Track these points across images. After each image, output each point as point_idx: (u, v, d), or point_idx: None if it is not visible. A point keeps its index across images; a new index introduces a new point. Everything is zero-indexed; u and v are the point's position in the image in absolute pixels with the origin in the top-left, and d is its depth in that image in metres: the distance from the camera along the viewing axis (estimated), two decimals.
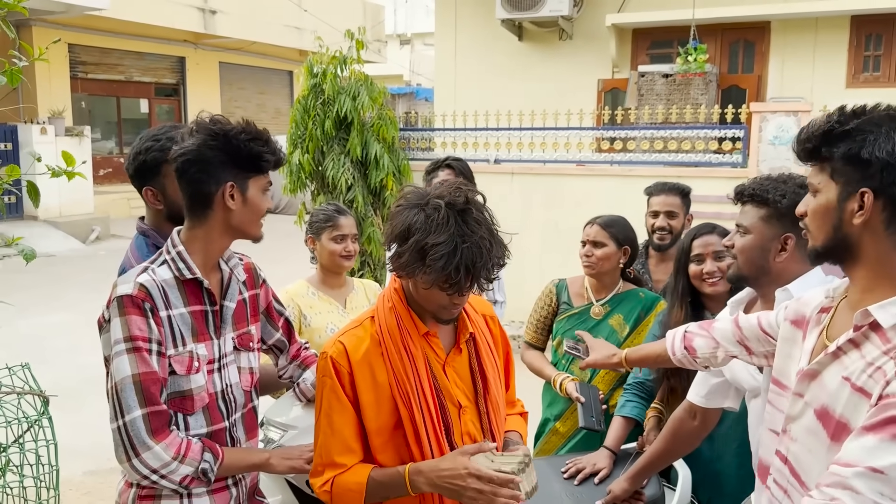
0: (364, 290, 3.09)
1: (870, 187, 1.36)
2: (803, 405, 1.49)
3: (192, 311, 1.77)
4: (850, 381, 1.38)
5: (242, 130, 1.72)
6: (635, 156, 7.21)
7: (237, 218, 1.77)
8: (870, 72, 7.96)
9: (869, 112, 1.39)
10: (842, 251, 1.44)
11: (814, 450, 1.44)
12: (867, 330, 1.39)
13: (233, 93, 19.59)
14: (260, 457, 1.88)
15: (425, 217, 1.57)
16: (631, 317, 2.94)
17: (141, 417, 1.64)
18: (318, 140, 7.39)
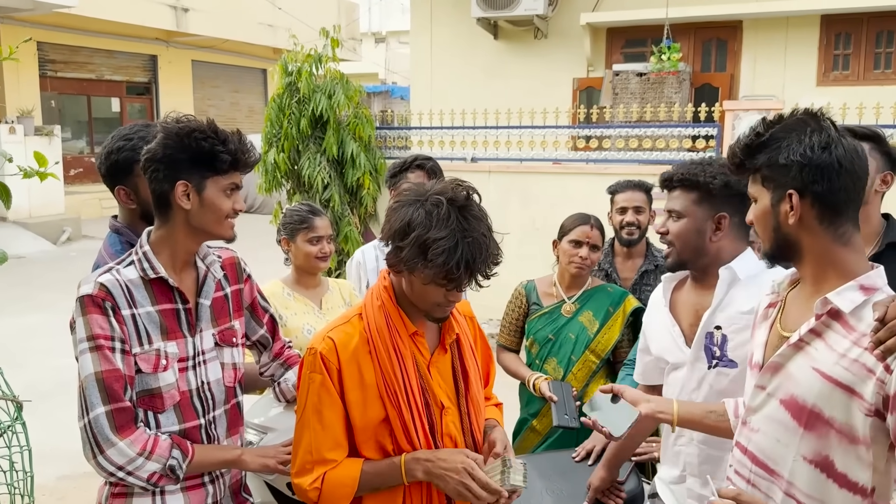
0: (339, 290, 3.07)
1: (794, 188, 1.46)
2: (765, 396, 1.56)
3: (161, 309, 1.77)
4: (820, 372, 1.44)
5: (196, 129, 1.71)
6: (611, 154, 7.26)
7: (196, 218, 1.76)
8: (839, 70, 8.09)
9: (784, 120, 1.50)
10: (787, 250, 1.54)
11: (783, 439, 1.50)
12: (826, 319, 1.46)
13: (206, 91, 19.40)
14: (232, 454, 1.87)
15: (426, 213, 1.58)
16: (600, 312, 2.98)
17: (104, 414, 1.65)
18: (294, 139, 7.35)
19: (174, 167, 1.72)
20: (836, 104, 6.23)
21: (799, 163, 1.45)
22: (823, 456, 1.46)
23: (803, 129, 1.47)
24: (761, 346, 1.62)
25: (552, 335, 3.00)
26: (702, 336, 2.02)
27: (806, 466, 1.47)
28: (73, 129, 17.05)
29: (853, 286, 1.45)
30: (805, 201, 1.46)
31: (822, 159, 1.44)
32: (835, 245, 1.49)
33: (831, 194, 1.45)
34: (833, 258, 1.49)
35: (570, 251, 2.96)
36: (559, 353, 2.99)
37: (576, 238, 2.96)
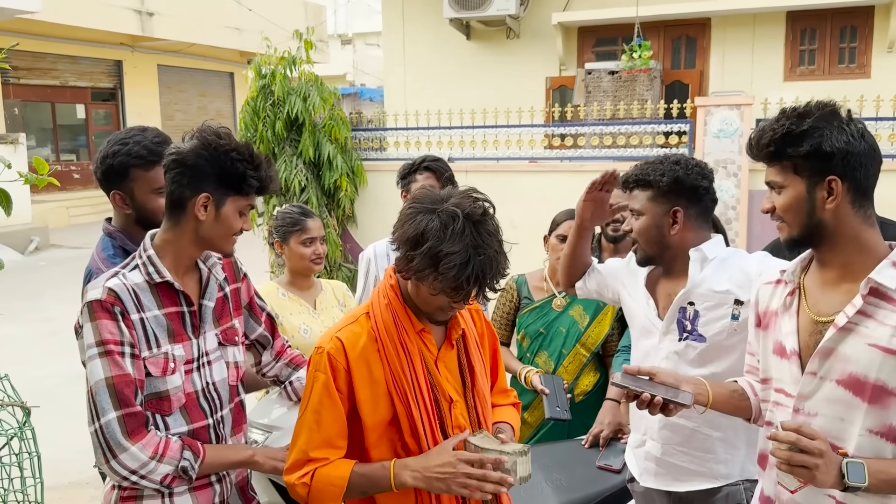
0: (332, 290, 3.09)
1: (836, 175, 1.53)
2: (818, 381, 1.60)
3: (167, 312, 1.77)
4: (879, 347, 1.51)
5: (235, 149, 1.73)
6: (585, 151, 7.34)
7: (207, 230, 1.77)
8: (805, 65, 8.26)
9: (812, 111, 1.56)
10: (816, 236, 1.60)
11: (847, 416, 1.56)
12: (869, 297, 1.53)
13: (172, 95, 19.17)
14: (244, 454, 1.88)
15: (441, 224, 1.57)
16: (591, 307, 3.02)
17: (115, 420, 1.65)
18: (270, 142, 7.32)
19: (201, 177, 1.73)
20: (804, 98, 6.34)
21: (843, 150, 1.52)
22: (888, 425, 1.53)
23: (840, 119, 1.54)
24: (793, 333, 1.66)
25: (543, 329, 3.04)
26: (675, 310, 2.13)
27: (871, 438, 1.54)
28: (38, 136, 16.73)
29: (888, 263, 1.53)
30: (844, 187, 1.54)
31: (861, 147, 1.53)
32: (864, 226, 1.57)
33: (866, 179, 1.55)
34: (862, 239, 1.57)
35: (557, 246, 3.01)
36: (550, 347, 3.03)
37: (562, 233, 3.00)
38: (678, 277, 2.16)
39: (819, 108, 1.57)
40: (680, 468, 2.18)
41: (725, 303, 2.07)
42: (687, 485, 2.17)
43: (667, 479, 2.21)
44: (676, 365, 2.11)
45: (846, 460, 1.49)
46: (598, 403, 2.94)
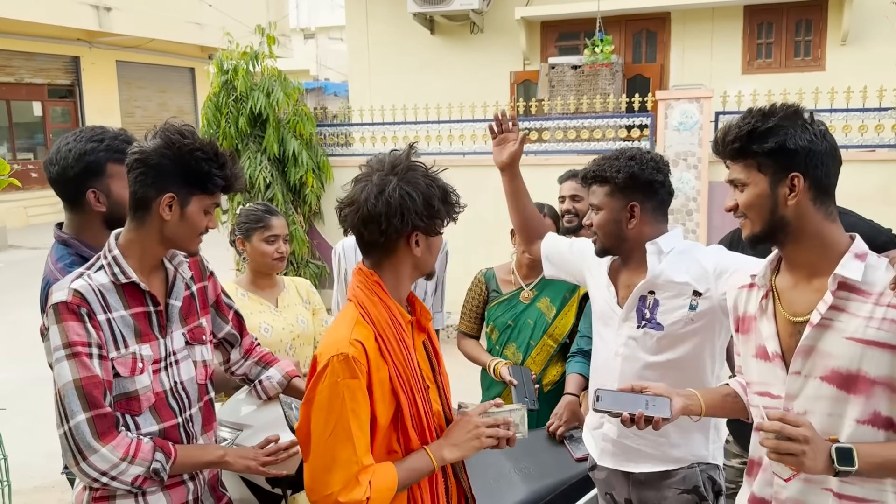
0: (296, 287, 3.05)
1: (798, 172, 1.59)
2: (802, 380, 1.66)
3: (134, 313, 1.77)
4: (855, 339, 1.57)
5: (199, 148, 1.73)
6: (550, 145, 7.41)
7: (172, 230, 1.77)
8: (763, 58, 8.44)
9: (776, 111, 1.62)
10: (779, 232, 1.65)
11: (834, 411, 1.61)
12: (839, 292, 1.59)
13: (132, 92, 18.82)
14: (215, 454, 1.88)
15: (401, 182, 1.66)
16: (557, 299, 3.07)
17: (85, 421, 1.64)
18: (233, 138, 7.25)
19: (164, 177, 1.72)
20: (761, 91, 6.51)
21: (806, 148, 1.57)
22: (874, 412, 1.58)
23: (803, 119, 1.60)
24: (773, 336, 1.71)
25: (511, 321, 3.09)
26: (635, 298, 2.19)
27: (861, 428, 1.58)
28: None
29: (850, 257, 1.59)
30: (805, 184, 1.59)
31: (823, 146, 1.58)
32: (826, 222, 1.62)
33: (827, 177, 1.60)
34: (824, 235, 1.63)
35: None
36: (518, 339, 3.08)
37: None
38: (636, 268, 2.22)
39: (783, 108, 1.63)
40: (635, 450, 2.24)
41: (684, 293, 2.12)
42: (642, 466, 2.24)
43: (622, 460, 2.28)
44: (634, 351, 2.18)
45: (835, 445, 1.52)
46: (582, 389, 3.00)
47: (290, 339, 2.87)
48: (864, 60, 7.64)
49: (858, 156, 6.46)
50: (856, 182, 6.24)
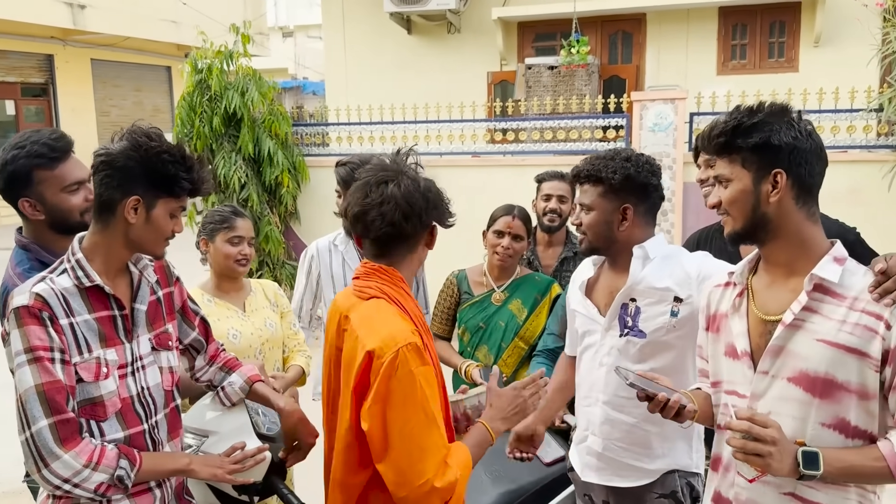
0: (263, 290, 3.00)
1: (782, 168, 1.58)
2: (769, 380, 1.65)
3: (98, 317, 1.74)
4: (826, 342, 1.56)
5: (166, 151, 1.72)
6: (527, 146, 7.42)
7: (137, 233, 1.75)
8: (737, 59, 8.51)
9: (763, 108, 1.62)
10: (760, 230, 1.64)
11: (799, 413, 1.60)
12: (815, 293, 1.58)
13: (107, 91, 18.59)
14: (181, 462, 1.86)
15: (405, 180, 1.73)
16: (528, 301, 3.07)
17: (47, 427, 1.61)
18: (207, 138, 7.18)
19: (131, 179, 1.70)
20: (736, 92, 6.56)
21: (790, 145, 1.57)
22: (840, 418, 1.57)
23: (789, 117, 1.60)
24: (744, 334, 1.70)
25: (483, 323, 3.08)
26: (617, 306, 2.17)
27: (825, 431, 1.58)
28: None
29: (829, 259, 1.58)
30: (788, 181, 1.58)
31: (808, 144, 1.58)
32: (807, 222, 1.62)
33: (810, 177, 1.59)
34: (805, 236, 1.62)
35: (493, 241, 3.06)
36: (490, 341, 3.07)
37: (499, 228, 3.05)
38: (621, 272, 2.20)
39: (771, 106, 1.62)
40: (619, 463, 2.22)
41: (665, 299, 2.11)
42: (626, 481, 2.22)
43: (607, 474, 2.25)
44: (618, 360, 2.15)
45: (801, 449, 1.52)
46: None
47: (260, 343, 2.83)
48: (836, 62, 7.73)
49: (830, 156, 6.44)
50: (827, 182, 6.27)
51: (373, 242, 1.76)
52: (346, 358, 1.72)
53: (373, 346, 1.61)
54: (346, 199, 1.78)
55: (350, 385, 1.66)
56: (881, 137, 6.54)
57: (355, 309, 1.74)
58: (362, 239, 1.78)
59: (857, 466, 1.52)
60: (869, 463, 1.51)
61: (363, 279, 1.77)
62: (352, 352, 1.69)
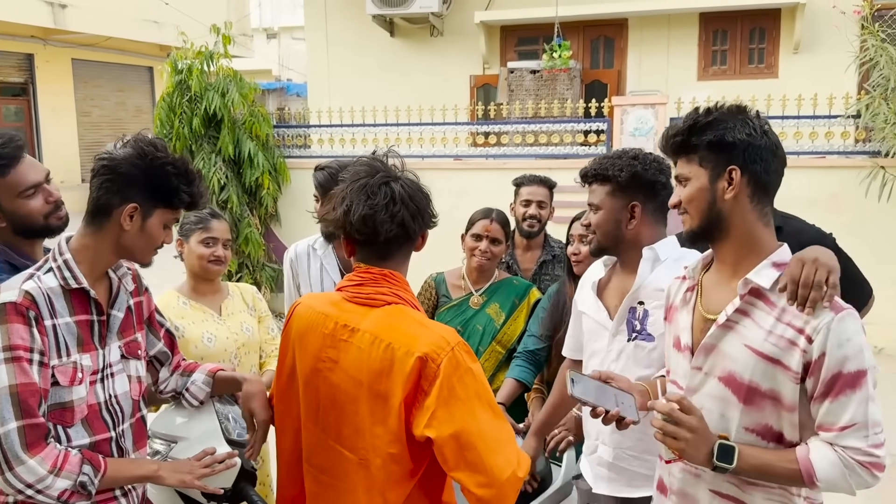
0: (241, 294, 2.96)
1: (736, 165, 1.59)
2: (703, 376, 1.67)
3: (78, 320, 1.73)
4: (752, 349, 1.57)
5: (171, 163, 1.72)
6: (509, 149, 7.43)
7: (129, 240, 1.74)
8: (718, 65, 8.56)
9: (719, 108, 1.63)
10: (715, 228, 1.66)
11: (726, 413, 1.63)
12: (749, 297, 1.60)
13: (88, 91, 18.39)
14: (148, 468, 1.83)
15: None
16: (506, 305, 3.06)
17: (15, 430, 1.58)
18: (187, 139, 7.14)
19: (131, 187, 1.70)
20: (716, 97, 6.58)
21: (744, 141, 1.58)
22: (763, 424, 1.59)
23: (745, 115, 1.61)
24: (687, 329, 1.73)
25: (460, 327, 3.06)
26: (625, 310, 2.14)
27: (749, 436, 1.60)
28: None
29: (767, 264, 1.59)
30: (743, 179, 1.59)
31: (763, 141, 1.59)
32: (759, 223, 1.63)
33: (766, 174, 1.60)
34: (755, 237, 1.63)
35: (471, 244, 3.05)
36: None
37: (477, 232, 3.04)
38: (629, 272, 2.17)
39: (727, 106, 1.64)
40: (632, 473, 2.17)
41: None
42: (640, 490, 2.16)
43: (619, 485, 2.20)
44: (626, 365, 2.11)
45: (720, 441, 1.55)
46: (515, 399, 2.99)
47: (235, 348, 2.79)
48: (815, 68, 7.80)
49: (809, 162, 6.59)
50: (806, 188, 6.37)
51: (378, 246, 1.65)
52: (367, 367, 1.59)
53: (424, 350, 1.53)
54: (341, 202, 1.65)
55: (397, 394, 1.54)
56: (859, 143, 6.61)
57: (365, 317, 1.63)
58: (364, 244, 1.67)
59: (771, 465, 1.55)
60: (783, 464, 1.54)
61: (370, 285, 1.66)
62: (377, 362, 1.57)
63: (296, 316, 1.79)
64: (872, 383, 1.51)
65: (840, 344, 1.48)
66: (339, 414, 1.66)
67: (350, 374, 1.62)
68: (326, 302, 1.74)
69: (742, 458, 1.54)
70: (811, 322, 1.50)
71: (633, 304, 2.14)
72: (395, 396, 1.55)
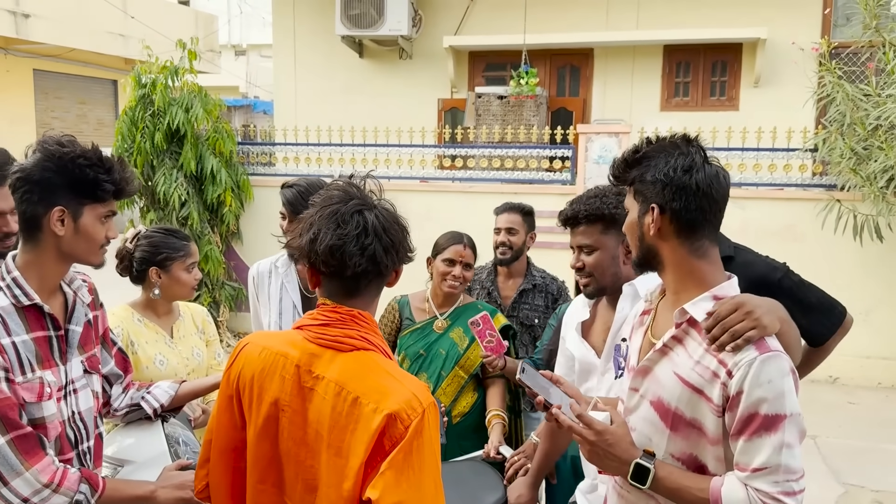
0: (192, 316, 2.84)
1: (657, 203, 1.60)
2: (639, 398, 1.68)
3: (35, 337, 1.68)
4: (679, 376, 1.58)
5: (81, 155, 1.66)
6: (475, 173, 7.46)
7: (68, 245, 1.69)
8: (680, 96, 8.73)
9: (659, 142, 1.65)
10: (650, 259, 1.68)
11: (654, 438, 1.63)
12: (686, 326, 1.61)
13: (49, 102, 18.05)
14: (145, 488, 1.79)
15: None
16: (470, 330, 3.02)
17: (5, 444, 1.55)
18: (148, 153, 7.02)
19: (51, 191, 1.64)
20: (678, 128, 6.71)
21: (662, 181, 1.59)
22: (688, 454, 1.59)
23: (672, 152, 1.61)
24: (636, 351, 1.75)
25: (423, 350, 3.03)
26: (611, 348, 2.14)
27: (675, 463, 1.60)
28: None
29: (707, 296, 1.59)
30: (665, 216, 1.60)
31: (682, 181, 1.58)
32: (691, 257, 1.62)
33: (687, 212, 1.59)
34: (690, 269, 1.63)
35: (443, 269, 3.01)
36: (429, 369, 3.02)
37: (449, 257, 3.01)
38: (614, 309, 2.18)
39: (670, 139, 1.64)
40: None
41: None
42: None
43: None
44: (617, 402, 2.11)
45: (637, 461, 1.57)
46: (476, 424, 2.95)
47: (185, 372, 2.68)
48: (774, 102, 8.00)
49: (768, 194, 6.73)
50: (765, 219, 6.49)
51: (346, 281, 1.51)
52: (329, 422, 1.45)
53: (394, 408, 1.39)
54: (308, 229, 1.51)
55: (358, 454, 1.41)
56: (816, 177, 6.77)
57: (331, 363, 1.49)
58: (331, 276, 1.52)
59: (684, 491, 1.55)
60: (694, 492, 1.53)
61: (336, 327, 1.51)
62: (342, 416, 1.44)
63: (245, 358, 1.59)
64: (795, 430, 1.48)
65: (759, 384, 1.46)
66: (296, 467, 1.51)
67: (313, 425, 1.47)
68: (284, 342, 1.56)
69: (658, 480, 1.56)
70: (734, 357, 1.50)
71: (617, 341, 2.12)
72: (355, 457, 1.41)
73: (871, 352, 6.50)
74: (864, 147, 6.13)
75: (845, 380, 6.58)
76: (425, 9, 9.09)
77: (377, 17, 8.55)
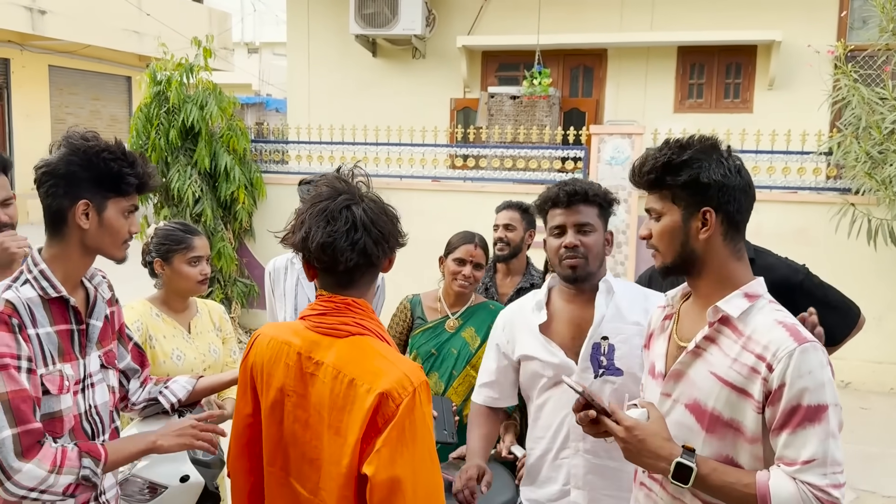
0: (209, 312, 2.87)
1: (711, 206, 1.58)
2: (671, 403, 1.66)
3: (58, 330, 1.72)
4: (717, 376, 1.57)
5: (106, 149, 1.69)
6: (487, 173, 7.46)
7: (92, 238, 1.73)
8: (694, 98, 8.69)
9: (693, 143, 1.61)
10: (689, 264, 1.65)
11: (689, 440, 1.61)
12: (718, 325, 1.59)
13: (63, 98, 18.19)
14: (146, 440, 1.82)
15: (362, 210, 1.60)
16: (482, 329, 3.04)
17: (10, 438, 1.57)
18: (162, 150, 7.06)
19: (76, 185, 1.68)
20: (691, 130, 6.67)
21: (719, 182, 1.57)
22: (724, 455, 1.58)
23: (719, 153, 1.60)
24: (662, 356, 1.73)
25: (435, 350, 3.04)
26: (589, 347, 2.11)
27: None
28: None
29: (739, 294, 1.59)
30: (718, 219, 1.59)
31: (737, 181, 1.58)
32: (731, 259, 1.62)
33: (739, 213, 1.60)
34: (728, 271, 1.62)
35: (454, 269, 3.02)
36: (441, 368, 3.03)
37: (460, 256, 3.02)
38: (588, 302, 2.14)
39: (701, 141, 1.63)
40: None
41: (637, 333, 2.06)
42: None
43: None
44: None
45: (678, 459, 1.53)
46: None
47: (202, 368, 2.71)
48: (789, 105, 7.95)
49: (781, 197, 6.69)
50: (777, 222, 6.46)
51: (339, 274, 1.58)
52: (329, 403, 1.53)
53: (386, 387, 1.47)
54: (300, 226, 1.58)
55: (354, 432, 1.48)
56: (830, 180, 6.73)
57: (329, 348, 1.57)
58: (325, 271, 1.59)
59: (728, 487, 1.52)
60: (739, 488, 1.51)
61: (332, 315, 1.59)
62: (339, 398, 1.52)
63: (256, 348, 1.69)
64: (836, 421, 1.49)
65: (800, 375, 1.46)
66: (301, 448, 1.59)
67: (315, 408, 1.56)
68: (289, 331, 1.66)
69: (700, 478, 1.52)
70: (773, 350, 1.49)
71: (596, 339, 2.11)
72: (352, 434, 1.49)
73: (884, 357, 6.46)
74: (880, 151, 6.09)
75: (857, 385, 6.55)
76: (439, 8, 9.09)
77: (391, 17, 8.57)
